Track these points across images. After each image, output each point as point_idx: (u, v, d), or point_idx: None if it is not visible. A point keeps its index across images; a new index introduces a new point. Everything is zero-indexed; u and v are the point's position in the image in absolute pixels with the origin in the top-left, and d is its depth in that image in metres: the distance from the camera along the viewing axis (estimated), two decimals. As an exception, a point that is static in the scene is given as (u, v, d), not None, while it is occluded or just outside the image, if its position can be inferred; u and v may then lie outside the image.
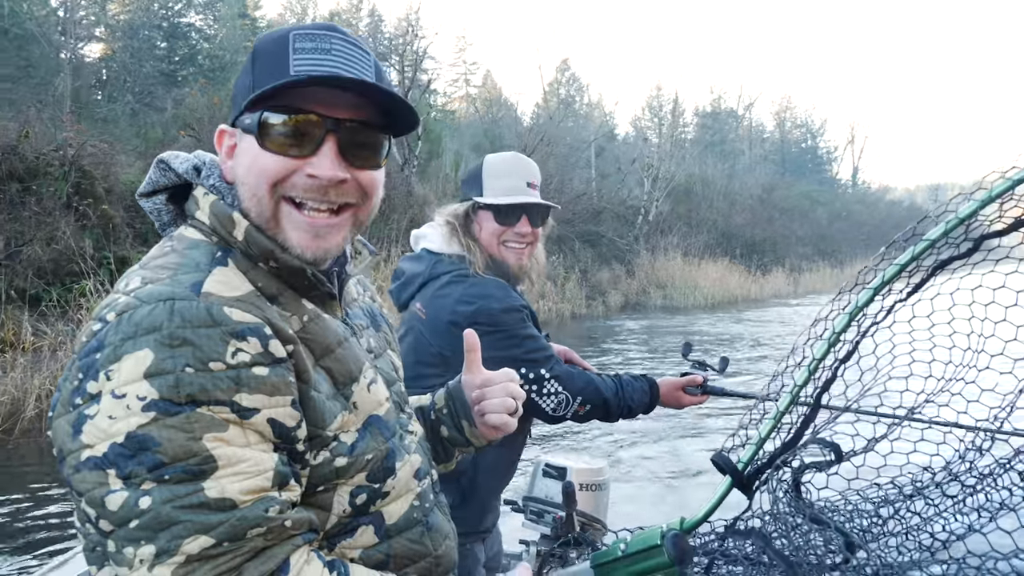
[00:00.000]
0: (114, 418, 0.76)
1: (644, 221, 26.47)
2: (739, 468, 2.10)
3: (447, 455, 1.26)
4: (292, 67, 0.90)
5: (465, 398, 1.21)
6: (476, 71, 47.75)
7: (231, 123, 0.96)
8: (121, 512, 0.75)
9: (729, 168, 39.63)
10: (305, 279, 0.95)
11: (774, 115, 58.13)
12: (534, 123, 27.00)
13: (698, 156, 38.64)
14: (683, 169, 31.38)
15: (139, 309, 0.79)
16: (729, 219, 30.93)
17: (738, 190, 35.34)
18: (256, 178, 0.92)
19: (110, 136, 13.25)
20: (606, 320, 17.77)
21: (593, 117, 40.21)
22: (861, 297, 2.05)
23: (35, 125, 10.80)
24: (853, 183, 57.07)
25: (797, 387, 2.11)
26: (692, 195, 31.15)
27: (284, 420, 0.83)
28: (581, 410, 1.89)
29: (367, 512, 0.96)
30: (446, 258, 1.91)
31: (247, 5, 35.80)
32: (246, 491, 0.78)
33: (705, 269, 23.74)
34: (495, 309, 1.81)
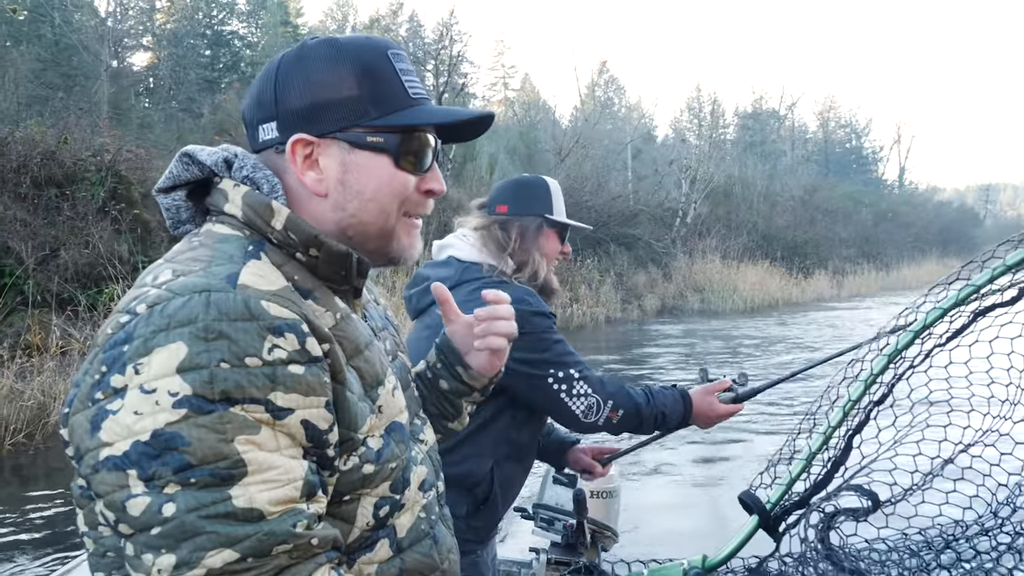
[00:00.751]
0: (140, 414, 0.73)
1: (682, 223, 26.22)
2: (767, 508, 2.09)
3: (456, 409, 1.26)
4: (410, 91, 0.96)
5: (454, 346, 1.22)
6: (514, 74, 48.15)
7: (317, 134, 0.93)
8: (143, 518, 0.72)
9: (770, 169, 39.03)
10: (343, 268, 0.95)
11: (817, 115, 56.99)
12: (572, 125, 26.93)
13: (738, 157, 38.14)
14: (722, 170, 31.01)
15: (172, 301, 0.76)
16: (770, 221, 30.46)
17: (779, 191, 34.78)
18: (391, 196, 0.95)
19: (147, 141, 13.54)
20: (641, 325, 17.61)
21: (631, 119, 39.94)
22: (901, 340, 2.02)
23: (74, 131, 11.03)
24: (900, 184, 55.73)
25: (831, 428, 2.09)
26: (731, 197, 30.75)
27: (317, 422, 0.81)
28: (614, 416, 1.86)
29: (385, 525, 0.95)
30: (474, 266, 1.94)
31: (289, 13, 36.51)
32: (275, 501, 0.75)
33: (744, 272, 23.42)
34: (527, 312, 1.81)
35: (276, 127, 0.94)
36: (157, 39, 27.84)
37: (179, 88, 24.18)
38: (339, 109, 0.93)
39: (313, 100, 0.93)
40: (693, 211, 26.78)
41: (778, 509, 2.08)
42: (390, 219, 0.96)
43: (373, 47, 0.96)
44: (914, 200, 50.14)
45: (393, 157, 0.94)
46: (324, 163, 0.94)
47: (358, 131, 0.93)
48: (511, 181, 2.07)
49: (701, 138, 33.73)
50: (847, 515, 2.10)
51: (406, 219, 0.99)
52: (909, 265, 35.03)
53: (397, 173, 0.95)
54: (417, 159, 0.97)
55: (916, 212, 44.52)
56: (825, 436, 2.07)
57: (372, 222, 0.96)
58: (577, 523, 2.18)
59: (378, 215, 0.95)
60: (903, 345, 2.01)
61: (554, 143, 22.61)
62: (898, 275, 33.11)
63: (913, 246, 37.03)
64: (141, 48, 28.42)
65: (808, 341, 14.07)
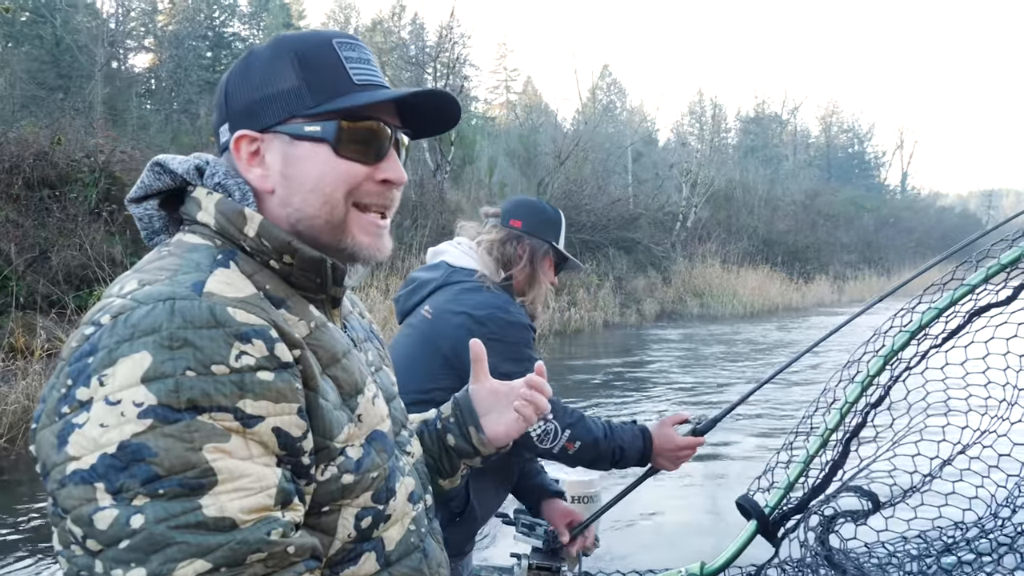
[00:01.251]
0: (106, 426, 0.71)
1: (682, 228, 26.26)
2: (765, 513, 2.08)
3: (452, 468, 1.23)
4: (354, 77, 0.93)
5: (472, 406, 1.19)
6: (517, 77, 48.44)
7: (258, 129, 0.93)
8: (111, 531, 0.70)
9: (772, 173, 39.11)
10: (318, 276, 0.93)
11: (820, 119, 57.14)
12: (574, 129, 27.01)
13: (739, 161, 38.22)
14: (723, 175, 31.07)
15: (136, 310, 0.76)
16: (771, 225, 30.53)
17: (780, 196, 34.86)
18: (332, 186, 0.92)
19: (142, 143, 13.55)
20: (640, 329, 17.61)
21: (633, 123, 40.12)
22: (897, 340, 2.01)
23: (68, 132, 11.04)
24: (902, 189, 55.86)
25: (828, 430, 2.08)
26: (732, 201, 30.82)
27: (290, 429, 0.80)
28: (570, 447, 1.84)
29: (370, 537, 0.93)
30: (463, 270, 1.96)
31: (291, 15, 36.68)
32: (247, 509, 0.74)
33: (744, 277, 23.46)
34: (504, 320, 1.84)
35: (228, 128, 0.95)
36: (159, 41, 27.95)
37: (179, 90, 24.24)
38: (278, 102, 0.92)
39: (255, 96, 0.93)
40: (694, 215, 26.83)
41: (776, 513, 2.07)
42: (335, 210, 0.93)
43: (316, 37, 0.95)
44: (916, 205, 50.24)
45: (332, 145, 0.92)
46: (269, 159, 0.93)
47: (297, 122, 0.92)
48: (530, 202, 2.11)
49: (703, 142, 33.78)
50: (846, 518, 2.09)
51: (361, 213, 0.95)
52: (911, 271, 35.00)
53: (338, 162, 0.92)
54: (364, 146, 0.94)
55: (918, 217, 44.61)
56: (823, 439, 2.06)
57: (316, 215, 0.93)
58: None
59: (321, 207, 0.93)
60: (899, 346, 2.01)
61: (554, 146, 22.60)
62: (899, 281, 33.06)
63: (915, 251, 37.05)
64: (143, 50, 28.53)
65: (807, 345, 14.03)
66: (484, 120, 40.62)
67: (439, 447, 1.21)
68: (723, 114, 43.66)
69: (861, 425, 2.07)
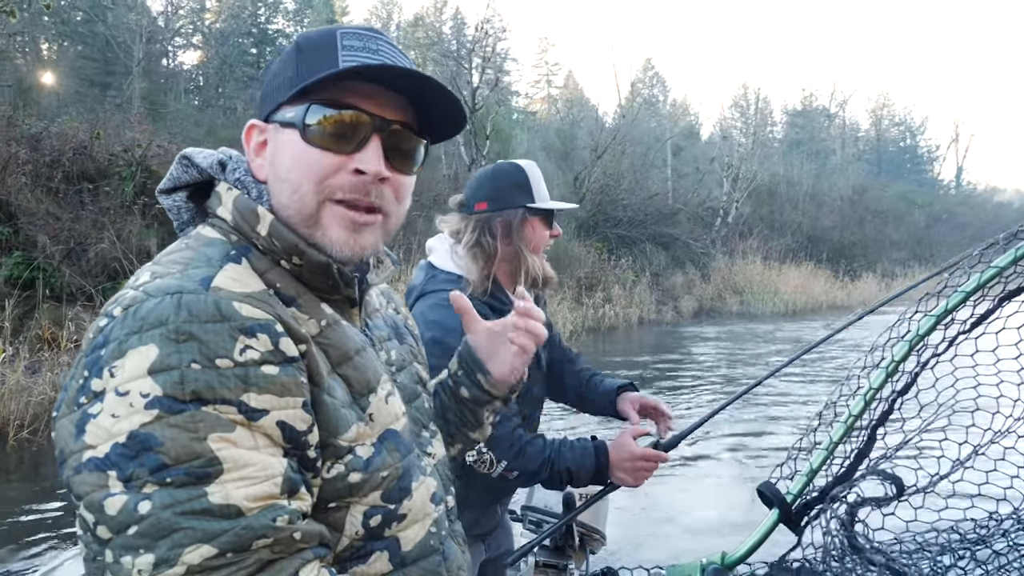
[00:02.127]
0: (117, 416, 0.74)
1: (723, 223, 25.95)
2: (788, 501, 2.06)
3: (476, 419, 1.23)
4: (341, 62, 0.90)
5: (475, 354, 1.19)
6: (558, 72, 48.52)
7: (263, 118, 0.95)
8: (120, 517, 0.72)
9: (818, 168, 38.41)
10: (329, 278, 0.94)
11: (870, 112, 55.93)
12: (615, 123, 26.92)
13: (784, 156, 37.63)
14: (766, 169, 30.63)
15: (145, 303, 0.78)
16: (816, 221, 29.98)
17: (826, 191, 34.20)
18: (300, 174, 0.90)
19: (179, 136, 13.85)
20: (676, 327, 17.42)
21: (676, 117, 39.85)
22: (923, 325, 1.99)
23: (107, 126, 11.35)
24: (957, 184, 54.37)
25: (852, 416, 2.06)
26: (776, 196, 30.35)
27: (294, 423, 0.81)
28: (508, 475, 1.81)
29: (382, 536, 0.93)
30: (440, 274, 1.92)
31: (335, 11, 37.32)
32: (252, 497, 0.76)
33: (786, 274, 23.08)
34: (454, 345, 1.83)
35: None
36: (206, 38, 28.68)
37: (225, 86, 24.87)
38: (276, 91, 0.94)
39: (265, 88, 0.96)
40: (735, 210, 26.48)
41: (799, 501, 2.06)
42: (305, 201, 0.91)
43: (326, 30, 0.95)
44: (972, 201, 48.78)
45: (300, 131, 0.90)
46: (268, 148, 0.95)
47: (283, 109, 0.92)
48: (487, 173, 1.99)
49: (747, 136, 33.32)
50: (872, 504, 2.07)
51: (336, 206, 0.92)
52: (963, 268, 34.04)
53: (306, 150, 0.90)
54: (338, 134, 0.90)
55: (973, 213, 43.29)
56: (847, 426, 2.04)
57: (287, 204, 0.92)
58: (565, 526, 2.15)
59: (291, 196, 0.91)
60: (925, 331, 1.98)
61: (591, 140, 22.53)
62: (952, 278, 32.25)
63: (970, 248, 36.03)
64: (192, 47, 29.31)
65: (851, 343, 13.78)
66: (525, 114, 40.73)
67: (456, 402, 1.22)
68: (769, 108, 43.05)
69: (888, 412, 2.05)
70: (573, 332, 13.98)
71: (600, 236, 19.56)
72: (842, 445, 2.04)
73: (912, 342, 1.99)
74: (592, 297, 16.05)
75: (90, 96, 16.51)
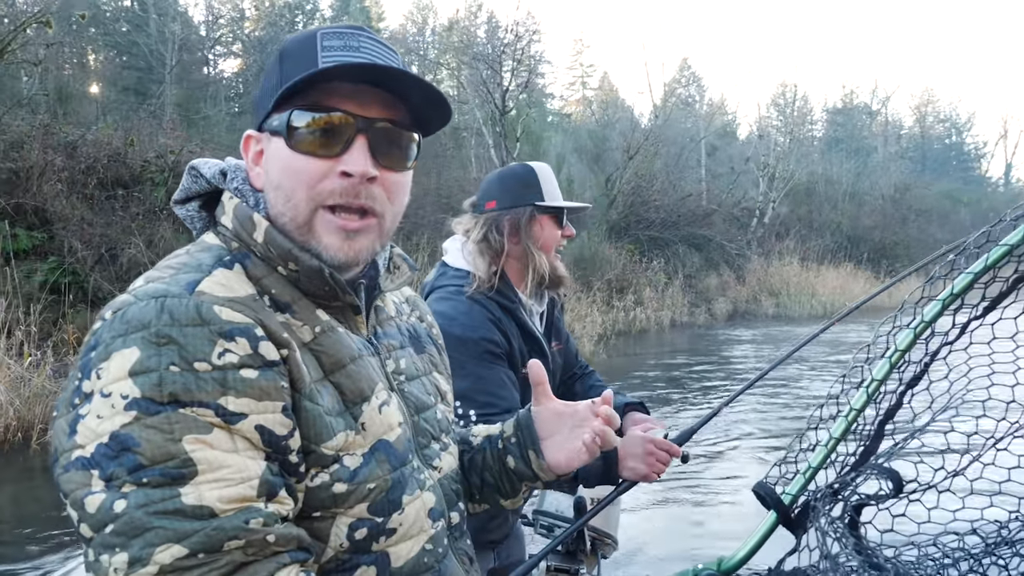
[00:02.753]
0: (101, 417, 0.76)
1: (759, 224, 25.60)
2: (786, 502, 1.96)
3: (512, 489, 1.20)
4: (320, 63, 0.90)
5: (534, 428, 1.15)
6: (593, 73, 48.85)
7: (257, 127, 0.96)
8: (98, 515, 0.74)
9: (858, 166, 37.72)
10: (324, 284, 0.93)
11: (913, 109, 54.82)
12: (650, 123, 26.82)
13: (823, 154, 37.08)
14: (803, 168, 30.17)
15: (132, 306, 0.80)
16: (856, 221, 29.44)
17: (867, 190, 33.56)
18: (291, 182, 0.91)
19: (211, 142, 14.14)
20: (709, 329, 17.27)
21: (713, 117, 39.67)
22: (928, 311, 1.87)
23: (141, 133, 11.65)
24: (1005, 181, 52.99)
25: (854, 411, 1.95)
26: (814, 196, 29.90)
27: (274, 427, 0.81)
28: None
29: (368, 550, 0.92)
30: (451, 271, 1.96)
31: (371, 17, 38.19)
32: (226, 499, 0.76)
33: (824, 275, 22.68)
34: (453, 334, 1.76)
35: None
36: (245, 47, 29.53)
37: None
38: (263, 99, 0.94)
39: (256, 97, 0.97)
40: (771, 211, 26.11)
41: (798, 502, 1.96)
42: (299, 209, 0.91)
43: (308, 32, 0.95)
44: (1022, 199, 47.52)
45: (285, 138, 0.90)
46: (263, 157, 0.96)
47: (271, 117, 0.93)
48: (496, 174, 2.05)
49: (786, 135, 32.87)
50: (876, 504, 1.96)
51: (327, 214, 0.92)
52: (1013, 267, 33.26)
53: (293, 157, 0.90)
54: (323, 138, 0.90)
55: (1023, 211, 42.15)
56: (848, 421, 1.93)
57: (282, 212, 0.92)
58: (577, 530, 2.15)
59: (284, 205, 0.92)
60: (930, 318, 1.86)
61: (623, 141, 22.44)
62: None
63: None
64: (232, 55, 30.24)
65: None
66: (560, 117, 40.94)
67: (499, 467, 1.19)
68: (808, 106, 42.47)
69: (897, 406, 1.94)
70: (603, 335, 13.88)
71: (632, 238, 19.49)
72: (844, 442, 1.94)
73: (917, 330, 1.88)
74: (623, 300, 15.97)
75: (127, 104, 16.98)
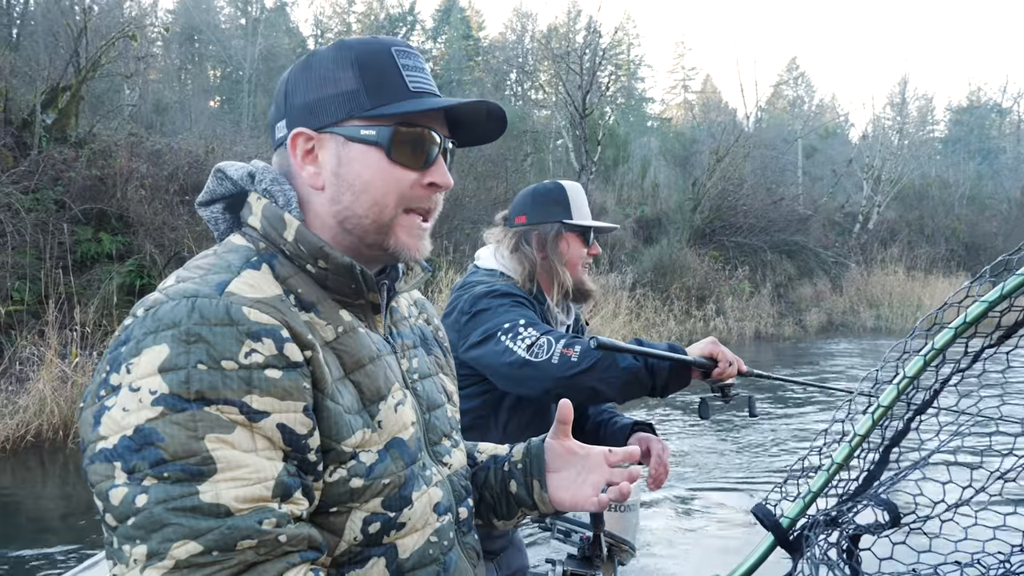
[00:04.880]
0: (127, 411, 0.81)
1: (863, 230, 24.58)
2: (783, 525, 1.99)
3: (509, 512, 1.26)
4: (410, 84, 1.01)
5: (544, 457, 1.22)
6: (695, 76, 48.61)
7: (316, 128, 1.02)
8: (121, 508, 0.80)
9: (985, 168, 35.59)
10: (352, 281, 1.01)
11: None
12: (744, 126, 26.22)
13: (944, 156, 35.18)
14: (914, 170, 28.75)
15: (164, 305, 0.85)
16: (975, 227, 27.79)
17: (990, 193, 31.62)
18: (384, 189, 1.01)
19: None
20: (798, 342, 16.62)
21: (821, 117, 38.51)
22: (939, 339, 1.87)
23: (222, 141, 12.34)
24: None
25: (858, 437, 1.97)
26: (926, 200, 28.43)
27: (295, 426, 0.87)
28: (569, 352, 1.75)
29: (380, 543, 0.98)
30: (482, 271, 2.08)
31: (471, 26, 39.41)
32: (242, 499, 0.81)
33: (933, 285, 21.46)
34: (478, 292, 1.92)
35: (285, 125, 1.04)
36: None
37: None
38: (336, 103, 1.01)
39: (315, 96, 1.02)
40: (876, 215, 25.01)
41: (797, 526, 1.99)
42: (384, 212, 1.01)
43: (377, 43, 1.04)
44: None
45: (385, 151, 1.00)
46: (322, 157, 1.02)
47: (354, 123, 1.00)
48: (528, 190, 2.18)
49: (895, 133, 31.41)
50: (875, 532, 1.97)
51: (407, 216, 1.03)
52: None
53: (391, 167, 1.00)
54: (415, 153, 1.02)
55: None
56: (851, 447, 1.95)
57: (365, 215, 1.01)
58: (594, 536, 2.18)
59: (370, 207, 1.01)
60: (941, 345, 1.86)
61: (712, 143, 22.03)
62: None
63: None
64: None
65: None
66: (660, 121, 40.75)
67: (501, 489, 1.26)
68: (931, 105, 40.55)
69: (903, 433, 1.94)
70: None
71: (716, 244, 19.13)
72: (847, 468, 1.95)
73: (927, 357, 1.88)
74: (703, 309, 15.70)
75: (214, 113, 18.03)
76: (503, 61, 29.49)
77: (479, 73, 32.15)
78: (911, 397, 1.95)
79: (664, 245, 16.50)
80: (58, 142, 10.31)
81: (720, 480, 6.06)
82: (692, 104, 42.51)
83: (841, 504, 2.00)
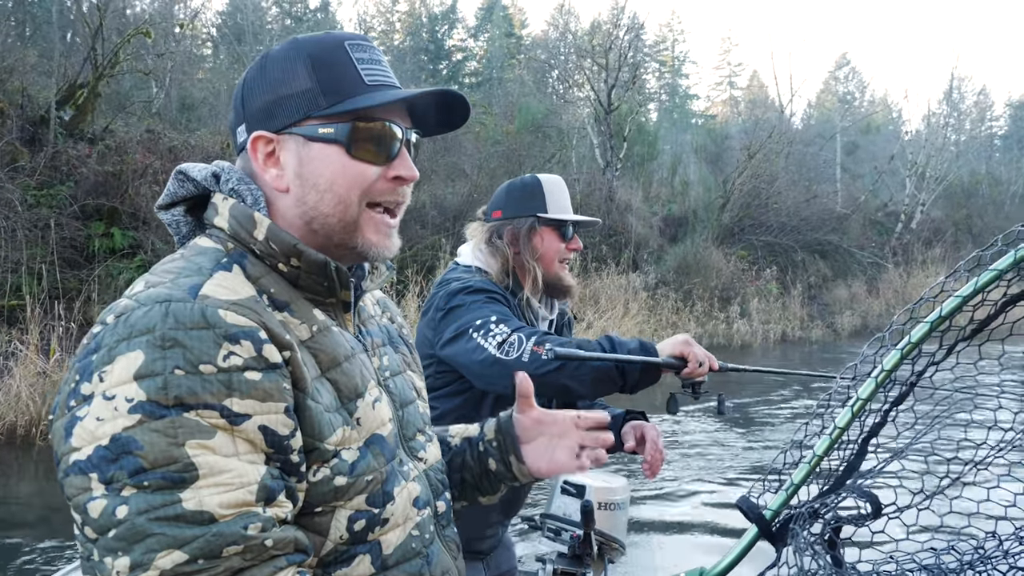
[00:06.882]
0: (101, 420, 0.81)
1: (905, 229, 24.30)
2: (766, 517, 2.11)
3: (492, 488, 1.33)
4: (365, 77, 1.03)
5: (515, 433, 1.28)
6: (741, 72, 48.65)
7: (275, 130, 1.03)
8: (101, 520, 0.80)
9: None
10: (325, 279, 1.03)
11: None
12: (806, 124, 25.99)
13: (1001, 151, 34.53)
14: (962, 166, 28.32)
15: (136, 311, 0.85)
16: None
17: (1048, 190, 31.08)
18: (347, 186, 1.02)
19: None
20: (827, 345, 16.48)
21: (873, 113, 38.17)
22: (915, 333, 1.98)
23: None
24: None
25: (838, 429, 2.09)
26: (975, 198, 28.02)
27: (277, 428, 0.88)
28: (539, 350, 1.80)
29: (365, 540, 1.00)
30: (460, 267, 2.13)
31: (513, 24, 39.91)
32: (226, 504, 0.81)
33: (975, 286, 21.20)
34: (453, 289, 1.97)
35: (245, 129, 1.06)
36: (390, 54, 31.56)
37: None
38: (293, 103, 1.02)
39: (271, 97, 1.03)
40: (920, 214, 24.71)
41: (780, 517, 2.10)
42: (349, 210, 1.03)
43: (329, 39, 1.05)
44: None
45: (345, 147, 1.02)
46: (284, 159, 1.04)
47: (312, 123, 1.02)
48: (505, 185, 2.23)
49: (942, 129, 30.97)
50: (855, 522, 2.08)
51: (373, 212, 1.05)
52: None
53: (353, 164, 1.02)
54: (376, 147, 1.03)
55: None
56: (832, 439, 2.06)
57: (331, 213, 1.03)
58: (584, 534, 2.27)
59: (335, 206, 1.03)
60: (917, 339, 1.97)
61: (744, 139, 21.93)
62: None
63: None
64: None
65: None
66: (705, 118, 40.66)
67: (480, 468, 1.31)
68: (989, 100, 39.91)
69: (881, 424, 2.05)
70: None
71: (744, 243, 19.02)
72: (828, 460, 2.06)
73: (904, 351, 1.98)
74: (727, 310, 15.62)
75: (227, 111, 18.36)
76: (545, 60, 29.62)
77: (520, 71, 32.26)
78: (888, 390, 2.06)
79: (689, 244, 16.40)
80: (74, 138, 10.57)
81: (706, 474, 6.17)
82: (738, 100, 42.28)
83: (823, 496, 2.12)
